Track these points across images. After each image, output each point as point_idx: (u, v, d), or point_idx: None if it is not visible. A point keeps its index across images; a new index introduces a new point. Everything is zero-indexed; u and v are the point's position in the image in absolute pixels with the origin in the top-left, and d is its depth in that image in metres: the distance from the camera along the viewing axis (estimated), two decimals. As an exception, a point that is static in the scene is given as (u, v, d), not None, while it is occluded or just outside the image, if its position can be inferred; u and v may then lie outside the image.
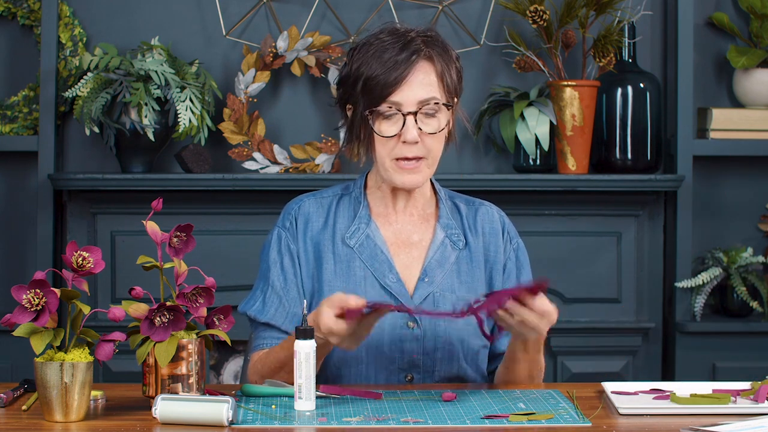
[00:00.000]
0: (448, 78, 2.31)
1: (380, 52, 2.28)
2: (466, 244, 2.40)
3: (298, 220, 2.40)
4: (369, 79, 2.27)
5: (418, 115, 2.27)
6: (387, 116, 2.28)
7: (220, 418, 1.92)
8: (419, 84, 2.27)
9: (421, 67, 2.28)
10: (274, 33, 3.73)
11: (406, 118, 2.27)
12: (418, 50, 2.28)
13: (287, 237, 2.39)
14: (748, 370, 3.53)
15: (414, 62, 2.27)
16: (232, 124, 3.67)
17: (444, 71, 2.30)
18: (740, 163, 3.83)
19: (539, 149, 3.65)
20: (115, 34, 3.71)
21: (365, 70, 2.28)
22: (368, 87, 2.28)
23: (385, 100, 2.27)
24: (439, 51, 2.31)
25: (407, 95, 2.27)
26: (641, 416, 2.01)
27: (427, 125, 2.28)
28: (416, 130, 2.27)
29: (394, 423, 1.95)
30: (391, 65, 2.26)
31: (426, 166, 2.31)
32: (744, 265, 3.70)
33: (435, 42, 2.31)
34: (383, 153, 2.31)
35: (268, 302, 2.38)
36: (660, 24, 3.79)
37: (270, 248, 2.40)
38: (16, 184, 3.76)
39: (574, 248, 3.66)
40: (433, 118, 2.29)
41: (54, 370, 1.95)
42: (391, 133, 2.29)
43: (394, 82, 2.26)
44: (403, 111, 2.27)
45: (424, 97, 2.27)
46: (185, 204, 3.59)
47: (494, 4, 3.72)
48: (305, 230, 2.39)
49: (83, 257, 1.99)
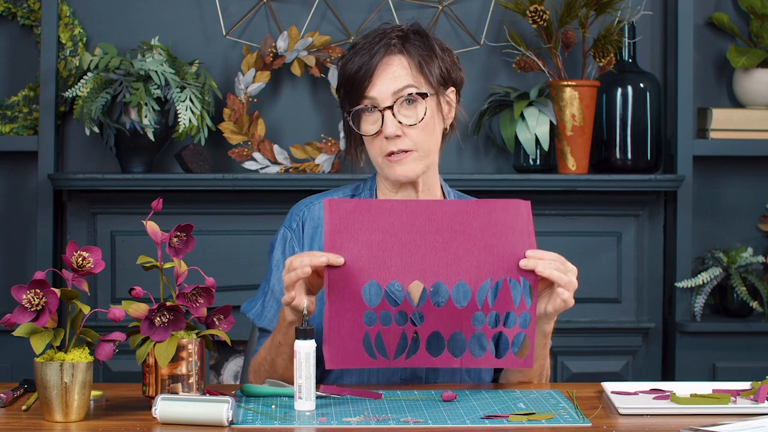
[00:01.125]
0: (428, 69, 2.29)
1: (354, 55, 2.29)
2: None
3: (306, 224, 2.39)
4: (347, 80, 2.29)
5: (396, 108, 2.27)
6: (367, 115, 2.29)
7: (220, 418, 1.92)
8: (392, 77, 2.27)
9: (392, 61, 2.28)
10: (274, 33, 3.73)
11: (384, 113, 2.27)
12: (388, 44, 2.28)
13: (293, 239, 2.38)
14: (748, 370, 3.53)
15: (384, 56, 2.27)
16: (232, 124, 3.67)
17: (422, 62, 2.29)
18: (740, 163, 3.83)
19: (539, 149, 3.65)
20: (115, 34, 3.71)
21: (345, 72, 2.30)
22: (347, 88, 2.30)
23: (362, 98, 2.28)
24: (418, 43, 2.30)
25: (380, 89, 2.27)
26: (641, 416, 2.01)
27: (407, 117, 2.28)
28: (395, 124, 2.27)
29: (394, 423, 1.95)
30: (363, 62, 2.27)
31: (416, 158, 2.30)
32: (744, 265, 3.70)
33: (413, 35, 2.31)
34: (374, 152, 2.32)
35: (266, 307, 2.37)
36: (660, 24, 3.79)
37: (275, 248, 2.40)
38: (16, 184, 3.76)
39: (574, 248, 3.66)
40: (412, 109, 2.29)
41: (54, 370, 1.95)
42: (372, 132, 2.29)
43: (364, 77, 2.27)
44: (380, 106, 2.27)
45: (397, 87, 2.27)
46: (185, 204, 3.59)
47: (494, 4, 3.72)
48: (313, 236, 2.38)
49: (83, 257, 1.99)
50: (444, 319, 2.14)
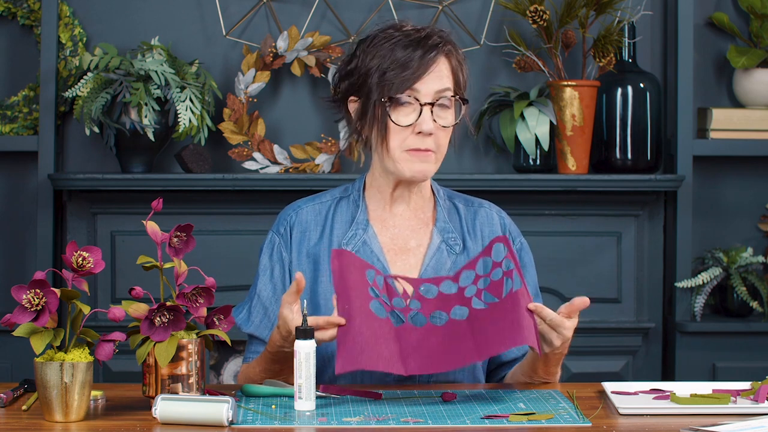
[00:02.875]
0: (461, 75, 2.33)
1: (397, 46, 2.29)
2: (464, 248, 2.39)
3: (294, 229, 2.39)
4: (388, 69, 2.27)
5: (435, 107, 2.28)
6: (403, 105, 2.29)
7: (220, 418, 1.92)
8: (437, 76, 2.29)
9: (441, 60, 2.30)
10: (274, 33, 3.73)
11: (423, 109, 2.28)
12: (437, 44, 2.29)
13: (280, 243, 2.38)
14: (748, 370, 3.53)
15: (436, 55, 2.29)
16: (232, 124, 3.67)
17: (457, 68, 2.32)
18: (740, 163, 3.83)
19: (539, 149, 3.65)
20: (115, 34, 3.71)
21: (380, 63, 2.28)
22: (387, 77, 2.28)
23: (407, 88, 2.27)
24: (454, 48, 2.33)
25: (427, 86, 2.28)
26: (641, 416, 2.01)
27: (442, 118, 2.30)
28: (432, 122, 2.28)
29: (394, 423, 1.95)
30: (415, 57, 2.27)
31: (433, 159, 2.32)
32: (744, 265, 3.70)
33: (449, 39, 2.34)
34: (395, 144, 2.30)
35: (253, 312, 2.37)
36: (660, 24, 3.79)
37: (263, 252, 2.40)
38: (16, 184, 3.76)
39: (574, 248, 3.66)
40: (447, 110, 2.30)
41: (54, 370, 1.95)
42: (406, 123, 2.28)
43: (417, 71, 2.27)
44: (421, 101, 2.28)
45: (441, 87, 2.28)
46: (185, 204, 3.59)
47: (494, 4, 3.72)
48: (301, 242, 2.38)
49: (83, 257, 1.99)
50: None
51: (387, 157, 2.32)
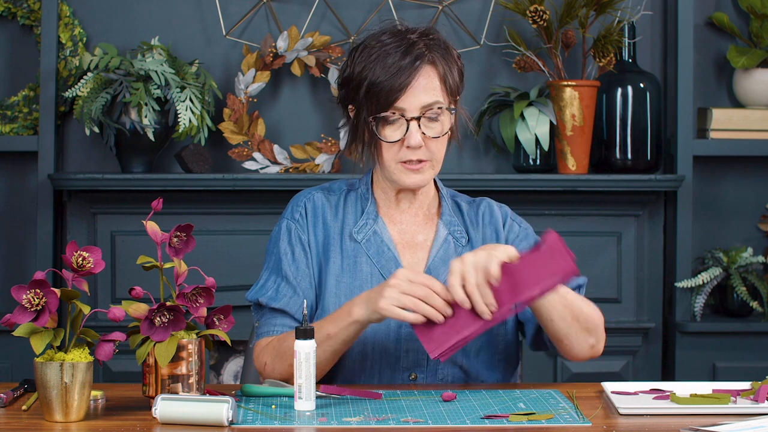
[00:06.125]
0: (450, 79, 2.32)
1: (383, 57, 2.28)
2: (469, 240, 2.41)
3: (308, 212, 2.40)
4: (373, 85, 2.27)
5: (422, 119, 2.28)
6: (391, 122, 2.29)
7: (220, 418, 1.92)
8: (422, 89, 2.28)
9: (424, 72, 2.28)
10: (274, 33, 3.73)
11: (410, 124, 2.28)
12: (421, 55, 2.28)
13: (297, 228, 2.39)
14: (748, 370, 3.53)
15: (418, 68, 2.27)
16: (232, 124, 3.67)
17: (446, 73, 2.31)
18: (740, 163, 3.83)
19: (539, 149, 3.65)
20: (115, 34, 3.71)
21: (368, 75, 2.28)
22: (372, 93, 2.28)
23: (390, 107, 2.27)
24: (442, 53, 2.31)
25: (411, 101, 2.27)
26: (641, 416, 2.01)
27: (431, 129, 2.29)
28: (420, 135, 2.28)
29: (394, 423, 1.95)
30: (395, 71, 2.26)
31: (430, 167, 2.32)
32: (744, 265, 3.70)
33: (437, 44, 2.31)
34: (388, 157, 2.31)
35: (281, 291, 2.36)
36: (660, 24, 3.79)
37: (279, 240, 2.39)
38: (16, 184, 3.76)
39: (574, 248, 3.63)
40: (436, 122, 2.30)
41: (54, 370, 1.95)
42: (394, 138, 2.29)
43: (398, 88, 2.26)
44: (407, 116, 2.28)
45: (428, 102, 2.28)
46: (185, 204, 3.59)
47: (494, 4, 3.72)
48: (315, 222, 2.39)
49: (83, 257, 1.99)
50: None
51: (384, 168, 2.34)
